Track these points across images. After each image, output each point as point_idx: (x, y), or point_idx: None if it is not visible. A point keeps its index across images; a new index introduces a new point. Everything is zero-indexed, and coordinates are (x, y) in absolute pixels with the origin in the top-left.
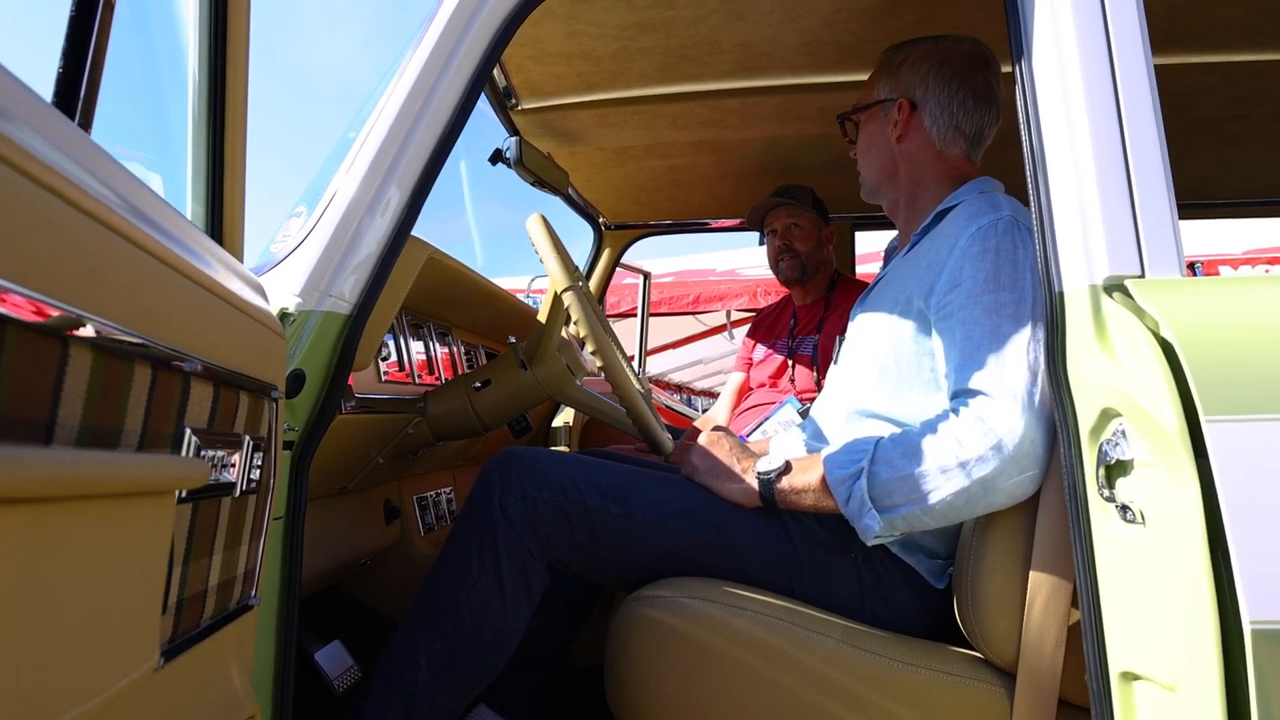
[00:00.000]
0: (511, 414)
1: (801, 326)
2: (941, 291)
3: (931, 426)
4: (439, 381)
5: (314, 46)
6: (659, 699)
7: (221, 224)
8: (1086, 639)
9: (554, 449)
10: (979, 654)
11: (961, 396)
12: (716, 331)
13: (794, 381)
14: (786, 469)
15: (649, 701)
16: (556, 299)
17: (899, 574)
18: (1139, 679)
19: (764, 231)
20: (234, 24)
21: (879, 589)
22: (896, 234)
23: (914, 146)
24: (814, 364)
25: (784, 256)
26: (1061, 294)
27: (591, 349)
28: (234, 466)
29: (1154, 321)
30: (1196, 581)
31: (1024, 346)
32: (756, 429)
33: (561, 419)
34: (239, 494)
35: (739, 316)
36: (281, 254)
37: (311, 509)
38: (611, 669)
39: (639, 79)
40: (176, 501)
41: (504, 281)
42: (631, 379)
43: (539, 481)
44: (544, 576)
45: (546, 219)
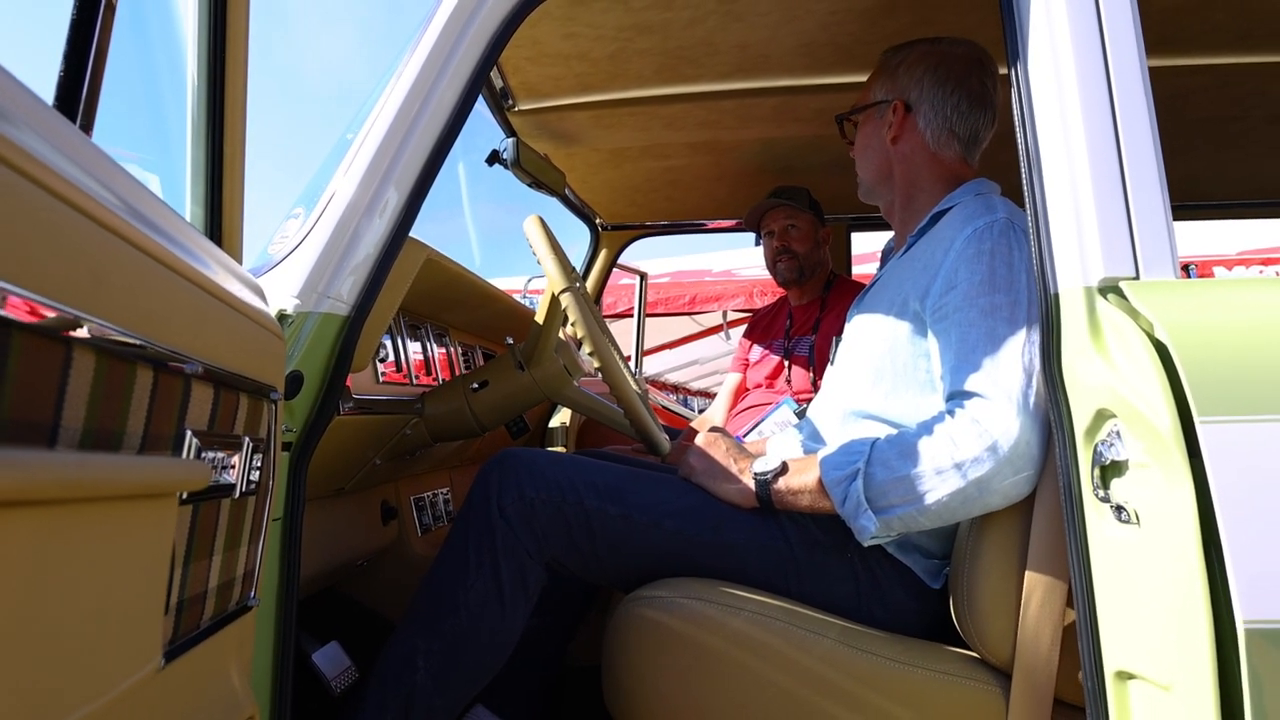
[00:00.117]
0: (509, 415)
1: (798, 327)
2: (937, 293)
3: (927, 428)
4: (436, 382)
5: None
6: (656, 699)
7: (220, 226)
8: (1081, 638)
9: (551, 450)
10: (975, 654)
11: (957, 398)
12: (713, 332)
13: (790, 382)
14: (783, 470)
15: (646, 702)
16: (554, 300)
17: (895, 574)
18: (1134, 678)
19: (761, 232)
20: (233, 27)
21: (875, 589)
22: (893, 235)
23: (909, 148)
24: (810, 365)
25: (782, 257)
26: (1056, 296)
27: (589, 350)
28: (234, 468)
29: (1148, 323)
30: (1190, 581)
31: (1019, 348)
32: (753, 429)
33: (558, 420)
34: (238, 495)
35: (735, 317)
36: (279, 255)
37: (309, 510)
38: (609, 669)
39: (636, 80)
40: (177, 503)
41: (500, 282)
42: (629, 380)
43: (537, 482)
44: (542, 577)
45: (544, 220)
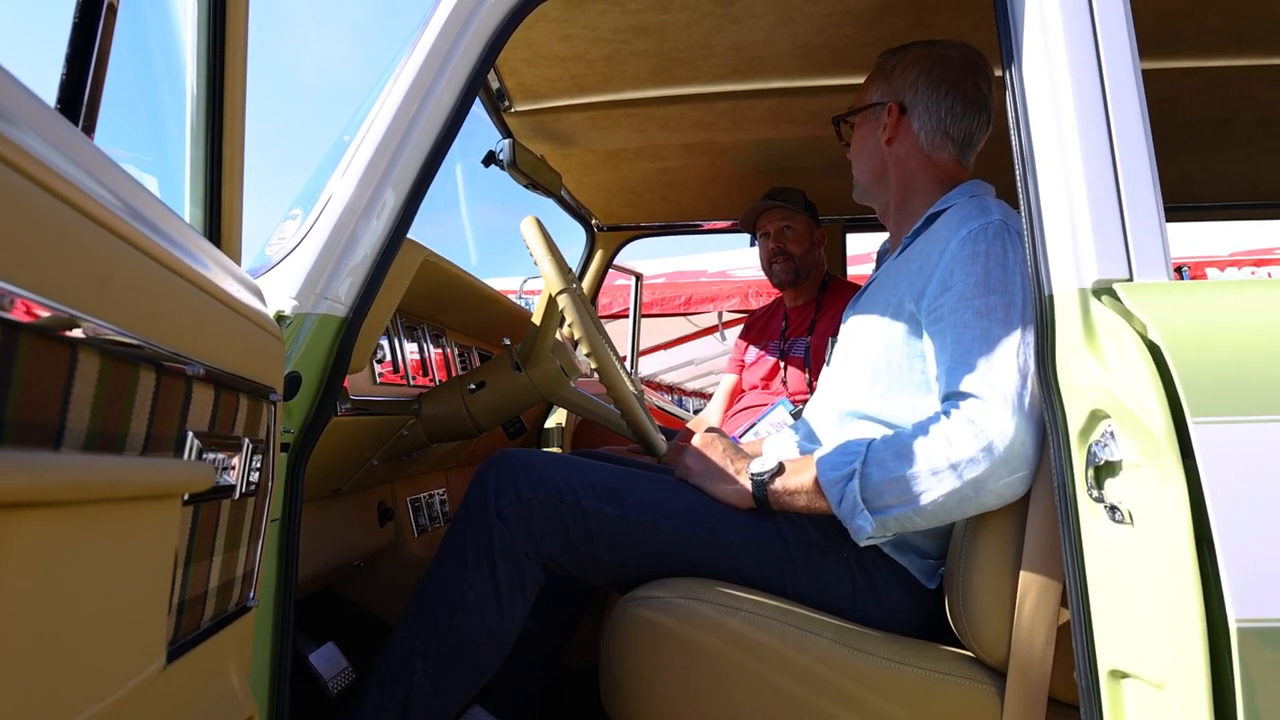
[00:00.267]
0: (506, 416)
1: (793, 328)
2: (932, 295)
3: (923, 428)
4: (433, 383)
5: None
6: (653, 699)
7: (219, 227)
8: (1076, 637)
9: (548, 450)
10: (970, 653)
11: (953, 399)
12: (708, 332)
13: (786, 383)
14: (780, 470)
15: (643, 701)
16: (551, 301)
17: (891, 574)
18: (1127, 677)
19: (756, 234)
20: (232, 28)
21: (871, 589)
22: (888, 237)
23: (903, 149)
24: (806, 365)
25: (778, 259)
26: (1051, 297)
27: (586, 351)
28: (234, 469)
29: (1142, 324)
30: (1183, 580)
31: (1014, 349)
32: (749, 430)
33: (554, 420)
34: (238, 496)
35: (730, 318)
36: (277, 257)
37: (306, 511)
38: (606, 669)
39: (632, 82)
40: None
41: (496, 282)
42: (625, 381)
43: (534, 483)
44: (539, 577)
45: (541, 222)
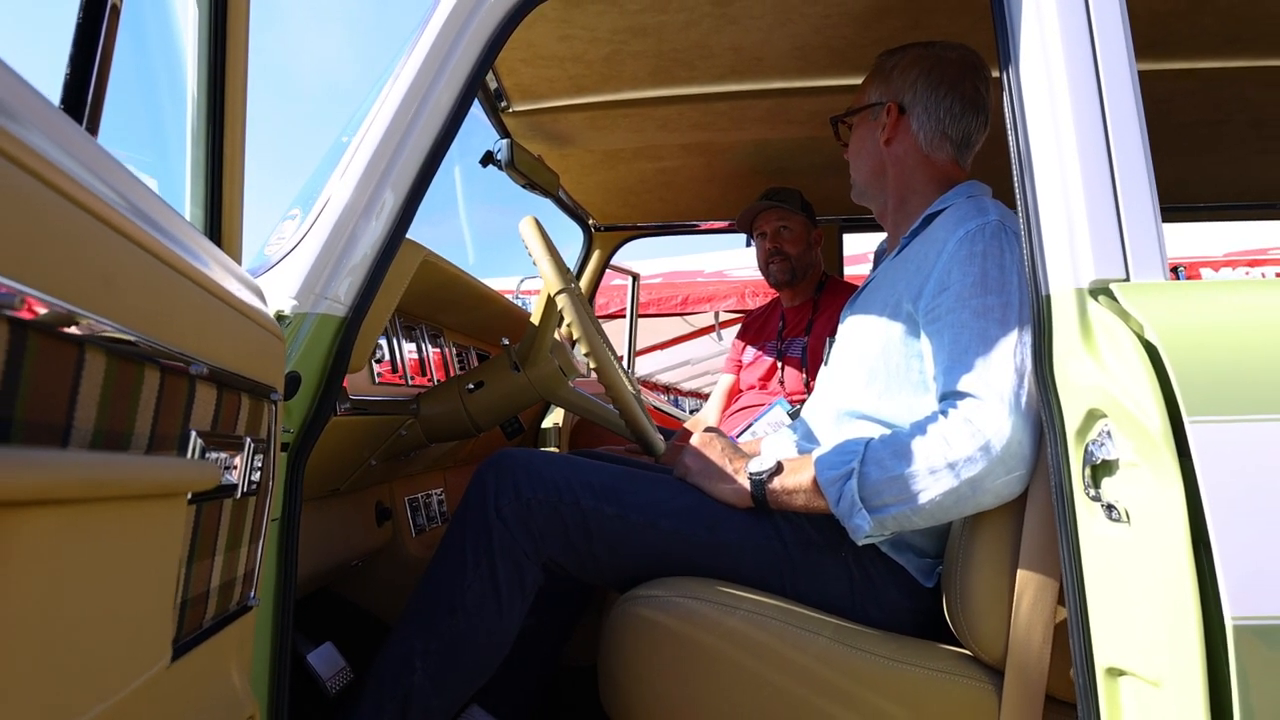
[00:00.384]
0: (504, 415)
1: (790, 329)
2: (930, 295)
3: (920, 428)
4: (431, 383)
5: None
6: (652, 698)
7: (220, 227)
8: (1073, 636)
9: (546, 450)
10: (968, 651)
11: (950, 398)
12: (704, 332)
13: (783, 383)
14: (778, 470)
15: (642, 700)
16: (550, 301)
17: (889, 573)
18: (1124, 674)
19: (753, 234)
20: (233, 29)
21: (869, 588)
22: (886, 237)
23: (901, 150)
24: (803, 366)
25: (774, 259)
26: (1048, 297)
27: (585, 351)
28: (236, 468)
29: (1138, 324)
30: (1180, 578)
31: (1011, 349)
32: (746, 430)
33: (551, 420)
34: (240, 495)
35: (727, 317)
36: (276, 256)
37: (304, 510)
38: (605, 668)
39: (630, 82)
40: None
41: (493, 282)
42: (625, 381)
43: (533, 482)
44: (538, 577)
45: (539, 222)
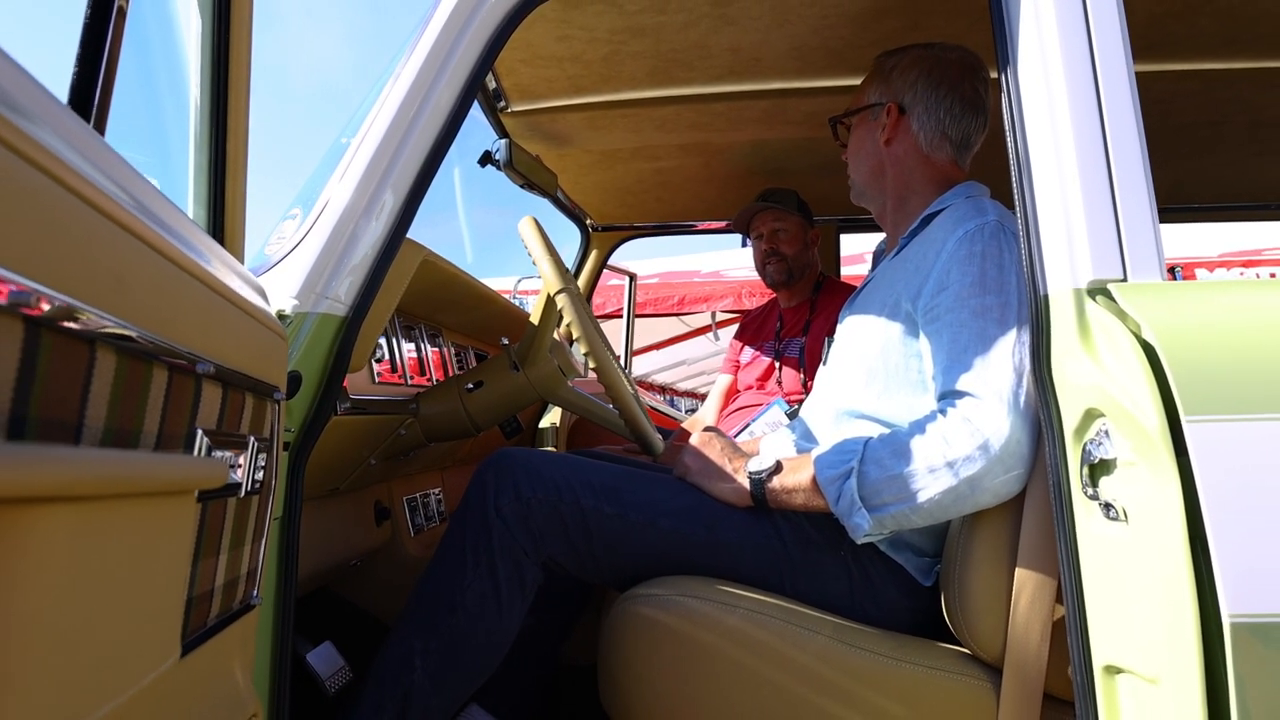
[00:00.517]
0: (503, 415)
1: (788, 329)
2: (929, 295)
3: (920, 427)
4: (431, 383)
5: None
6: (652, 697)
7: (223, 226)
8: (1071, 634)
9: (545, 449)
10: (966, 650)
11: (949, 398)
12: (701, 332)
13: (781, 384)
14: (777, 469)
15: (642, 699)
16: (549, 301)
17: (888, 572)
18: (1122, 672)
19: (749, 235)
20: (236, 30)
21: (869, 587)
22: (884, 237)
23: (901, 150)
24: (801, 366)
25: (771, 260)
26: (1046, 297)
27: (585, 350)
28: (240, 467)
29: (1136, 324)
30: (1177, 577)
31: (1009, 349)
32: (744, 430)
33: (549, 420)
34: (243, 494)
35: (724, 318)
36: (277, 256)
37: (304, 510)
38: (605, 667)
39: (629, 83)
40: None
41: (491, 282)
42: (624, 380)
43: (533, 482)
44: (538, 577)
45: (538, 222)
